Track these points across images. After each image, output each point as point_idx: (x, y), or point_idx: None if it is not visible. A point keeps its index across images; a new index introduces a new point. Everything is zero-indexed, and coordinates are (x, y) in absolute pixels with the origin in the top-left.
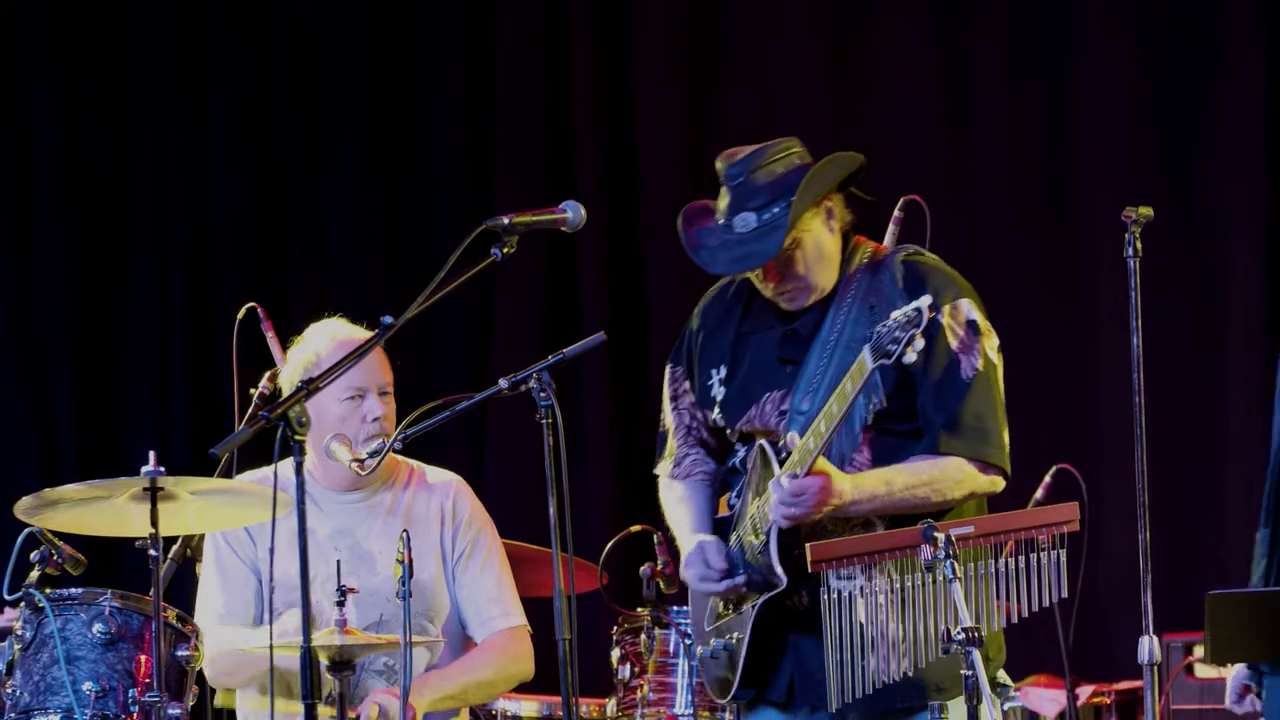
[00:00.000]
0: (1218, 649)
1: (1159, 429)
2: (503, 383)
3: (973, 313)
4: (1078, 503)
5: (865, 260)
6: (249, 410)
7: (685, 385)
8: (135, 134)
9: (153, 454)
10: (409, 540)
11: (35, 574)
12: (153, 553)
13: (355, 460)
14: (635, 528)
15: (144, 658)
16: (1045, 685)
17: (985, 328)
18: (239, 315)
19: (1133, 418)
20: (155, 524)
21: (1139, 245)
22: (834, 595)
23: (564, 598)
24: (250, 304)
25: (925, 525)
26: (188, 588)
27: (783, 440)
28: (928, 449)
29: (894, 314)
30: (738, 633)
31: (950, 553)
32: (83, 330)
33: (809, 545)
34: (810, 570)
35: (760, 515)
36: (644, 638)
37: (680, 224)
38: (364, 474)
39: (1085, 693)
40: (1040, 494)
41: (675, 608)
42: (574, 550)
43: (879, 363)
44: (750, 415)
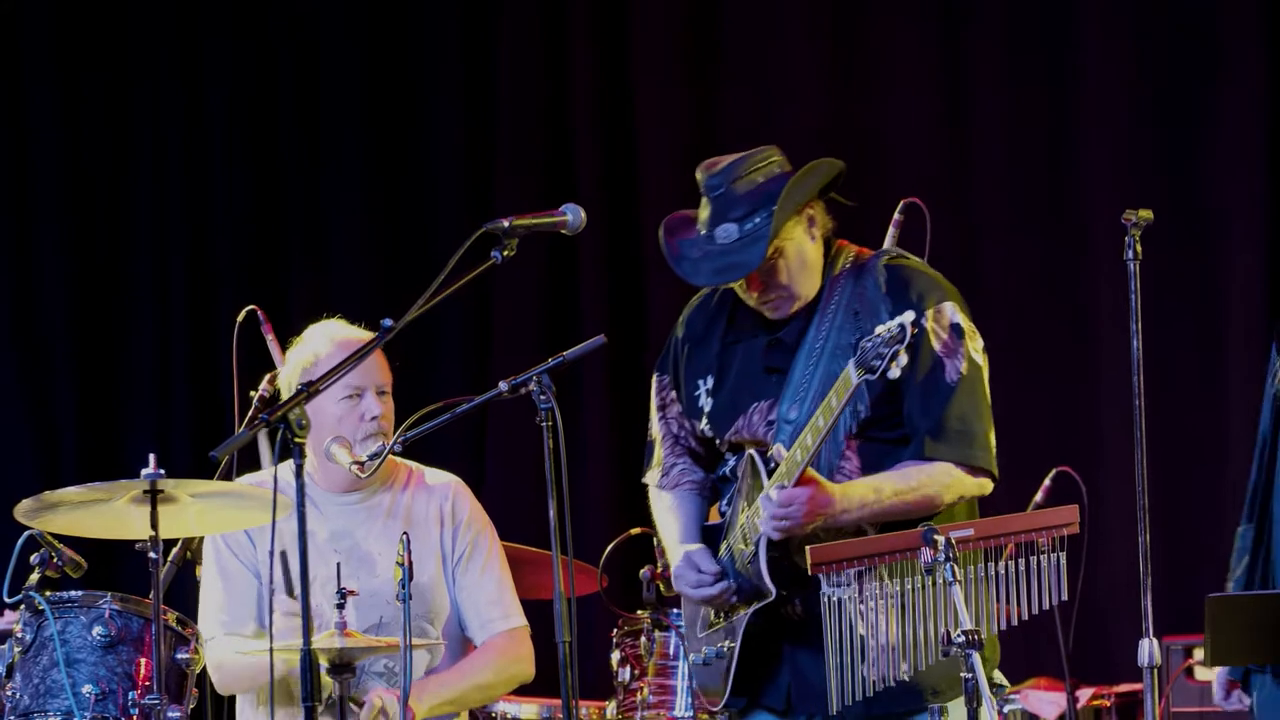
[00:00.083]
0: (1218, 651)
1: (1159, 431)
2: (503, 385)
3: (956, 315)
4: (1078, 505)
5: (848, 265)
6: (249, 413)
7: (672, 394)
8: (135, 134)
9: (153, 457)
10: (409, 543)
11: (35, 577)
12: (153, 555)
13: (355, 463)
14: (635, 530)
15: (144, 660)
16: (1045, 688)
17: (969, 330)
18: (239, 318)
19: (1133, 420)
20: (155, 526)
21: (1139, 248)
22: (829, 601)
23: (564, 600)
24: (250, 306)
25: (925, 528)
26: (188, 590)
27: (771, 450)
28: (914, 455)
29: (878, 329)
30: (729, 641)
31: (950, 555)
32: (83, 330)
33: (809, 549)
34: (811, 573)
35: (750, 525)
36: (644, 640)
37: (662, 235)
38: (364, 476)
39: (1085, 695)
40: (1040, 497)
41: (675, 610)
42: (574, 553)
43: (864, 378)
44: (738, 426)
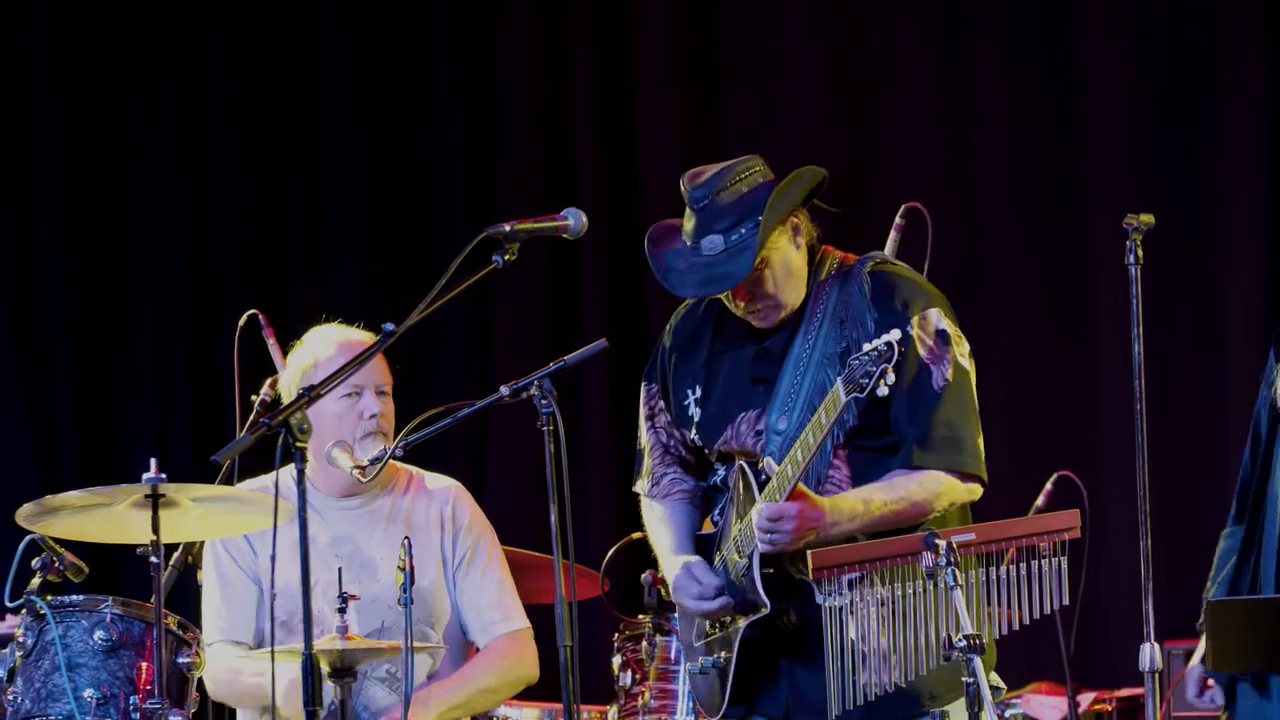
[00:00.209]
0: (1218, 656)
1: (1160, 435)
2: (504, 390)
3: (941, 321)
4: (1079, 510)
5: (833, 272)
6: (250, 417)
7: (660, 404)
8: (135, 134)
9: (154, 461)
10: (410, 547)
11: (37, 581)
12: (154, 560)
13: (357, 467)
14: (636, 534)
15: (145, 665)
16: (1047, 692)
17: (955, 335)
18: (240, 322)
19: (1134, 424)
20: (157, 531)
21: (1140, 253)
22: (825, 610)
23: (565, 604)
24: (251, 311)
25: (927, 532)
26: (189, 595)
27: (761, 462)
28: (903, 463)
29: (865, 346)
30: (725, 652)
31: (952, 560)
32: (83, 330)
33: (810, 553)
34: (812, 578)
35: (743, 537)
36: (645, 645)
37: (647, 246)
38: (365, 480)
39: (1086, 700)
40: (1041, 501)
41: (676, 615)
42: (575, 557)
43: (852, 395)
44: (727, 436)
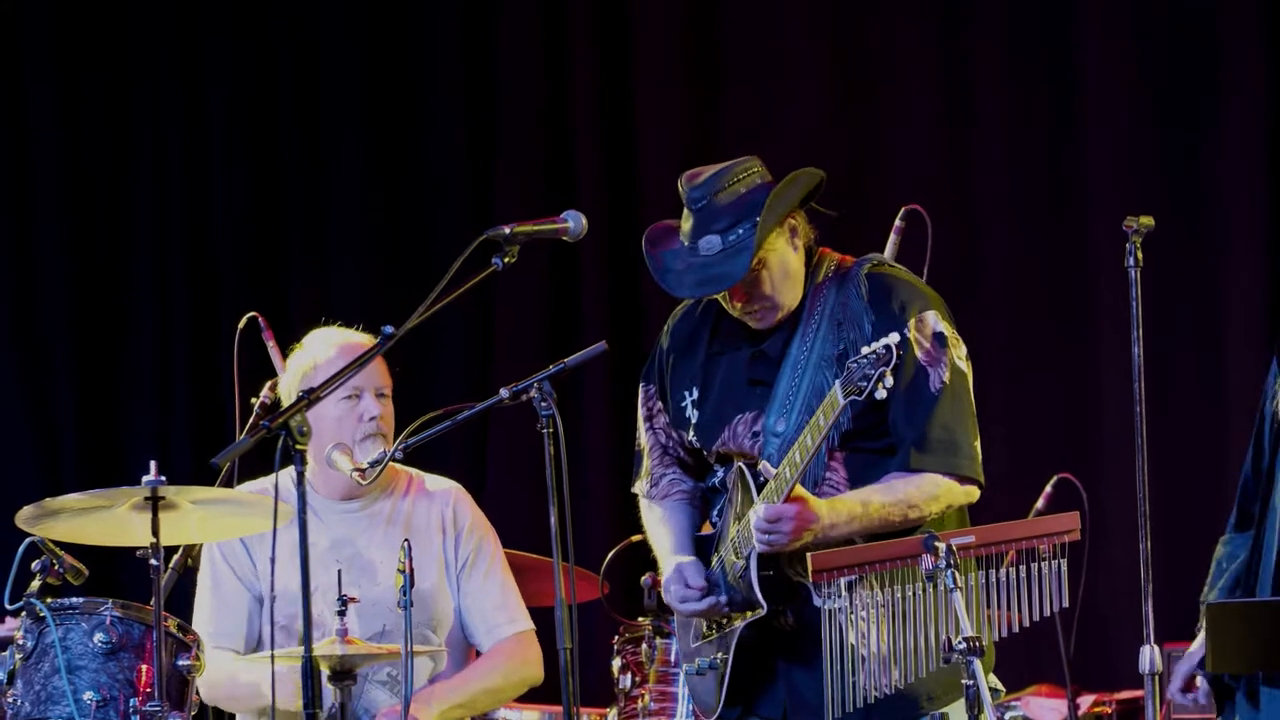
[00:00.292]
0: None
1: (1160, 437)
2: (504, 392)
3: (939, 324)
4: (1079, 512)
5: (830, 274)
6: (250, 420)
7: (658, 405)
8: (135, 134)
9: (154, 464)
10: (410, 550)
11: (36, 583)
12: (154, 562)
13: (356, 469)
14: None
15: (145, 667)
16: (1046, 695)
17: (953, 338)
18: (240, 325)
19: (1134, 426)
20: (156, 533)
21: (1140, 255)
22: (823, 612)
23: (565, 607)
24: (251, 314)
25: (927, 535)
26: (188, 597)
27: (759, 465)
28: (900, 466)
29: (864, 350)
30: (721, 653)
31: (952, 562)
32: (83, 330)
33: (810, 556)
34: (812, 581)
35: (741, 538)
36: (645, 647)
37: (645, 247)
38: (365, 483)
39: (1086, 702)
40: (1041, 503)
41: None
42: (575, 560)
43: (849, 399)
44: (724, 438)
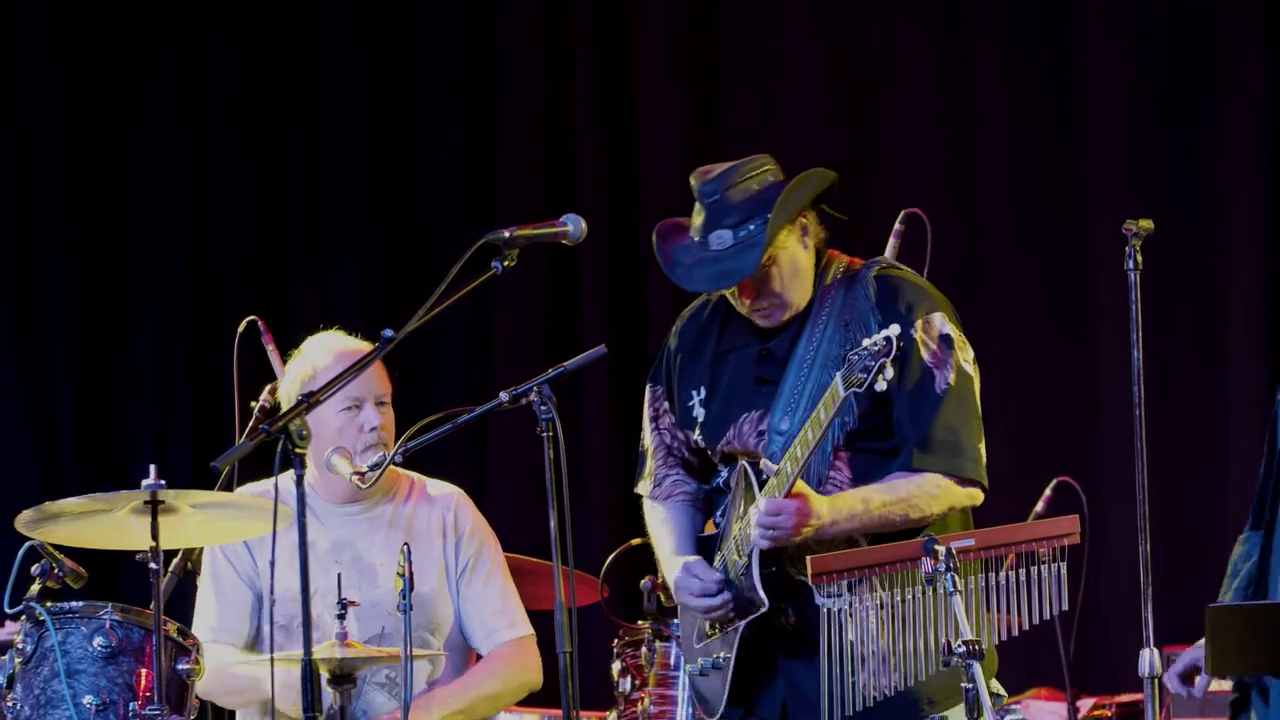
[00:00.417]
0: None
1: (1160, 440)
2: (503, 395)
3: (945, 326)
4: (1078, 515)
5: (839, 275)
6: (249, 423)
7: (665, 405)
8: (135, 134)
9: (153, 468)
10: (409, 553)
11: (36, 587)
12: (153, 566)
13: (356, 473)
14: (636, 541)
15: (145, 671)
16: (1046, 698)
17: (959, 340)
18: (240, 328)
19: (1133, 430)
20: (156, 537)
21: (1139, 258)
22: (823, 612)
23: (564, 610)
24: (251, 317)
25: (927, 538)
26: (188, 601)
27: (762, 461)
28: (903, 466)
29: (864, 341)
30: (724, 652)
31: (951, 565)
32: (83, 330)
33: (810, 558)
34: (812, 583)
35: (743, 536)
36: (645, 650)
37: (655, 241)
38: (365, 487)
39: (1086, 705)
40: (1041, 507)
41: (676, 621)
42: (575, 563)
43: (850, 391)
44: (729, 436)
